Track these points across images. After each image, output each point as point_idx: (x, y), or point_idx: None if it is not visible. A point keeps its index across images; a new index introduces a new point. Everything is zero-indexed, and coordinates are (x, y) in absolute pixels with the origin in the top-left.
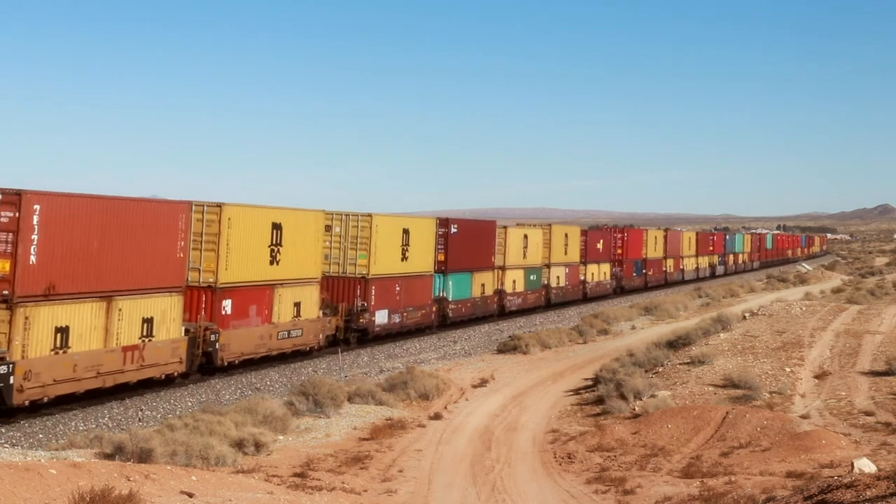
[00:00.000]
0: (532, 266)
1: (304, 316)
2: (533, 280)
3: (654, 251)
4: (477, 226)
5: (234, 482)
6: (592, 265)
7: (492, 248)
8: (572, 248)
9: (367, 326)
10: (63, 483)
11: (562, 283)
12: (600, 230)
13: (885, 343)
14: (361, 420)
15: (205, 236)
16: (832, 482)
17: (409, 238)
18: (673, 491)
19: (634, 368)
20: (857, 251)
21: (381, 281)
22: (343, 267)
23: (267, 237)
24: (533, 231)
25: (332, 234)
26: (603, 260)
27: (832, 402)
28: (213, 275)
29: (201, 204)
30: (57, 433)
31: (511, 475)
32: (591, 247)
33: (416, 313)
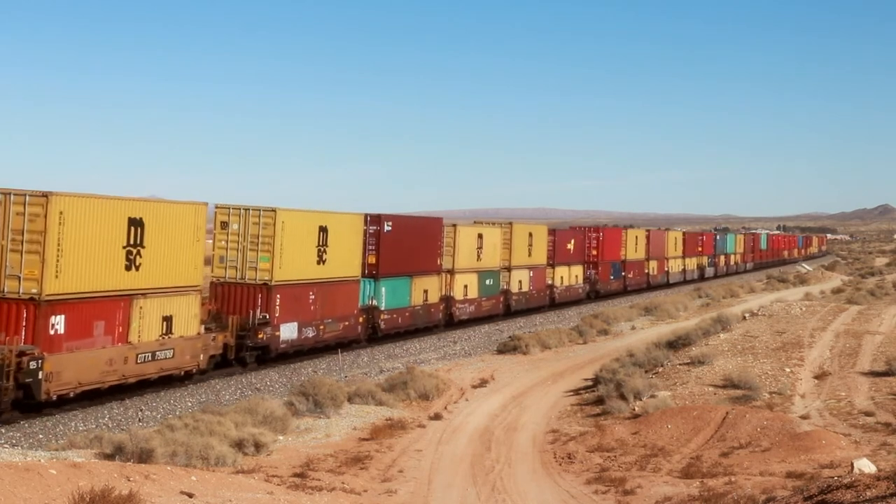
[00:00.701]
0: (488, 269)
1: (177, 333)
2: (489, 285)
3: (635, 252)
4: (419, 223)
5: (234, 482)
6: (562, 267)
7: (438, 249)
8: (538, 248)
9: (268, 343)
10: (63, 483)
11: (525, 288)
12: (572, 229)
13: (884, 343)
14: (361, 420)
15: (26, 234)
16: (832, 482)
17: (327, 237)
18: (673, 491)
19: (634, 369)
20: (857, 251)
21: (288, 288)
22: (242, 272)
23: (121, 236)
24: (489, 230)
25: (228, 232)
26: (575, 262)
27: (832, 402)
28: (37, 284)
29: (22, 193)
30: (57, 433)
31: (511, 475)
32: (561, 247)
33: (337, 326)
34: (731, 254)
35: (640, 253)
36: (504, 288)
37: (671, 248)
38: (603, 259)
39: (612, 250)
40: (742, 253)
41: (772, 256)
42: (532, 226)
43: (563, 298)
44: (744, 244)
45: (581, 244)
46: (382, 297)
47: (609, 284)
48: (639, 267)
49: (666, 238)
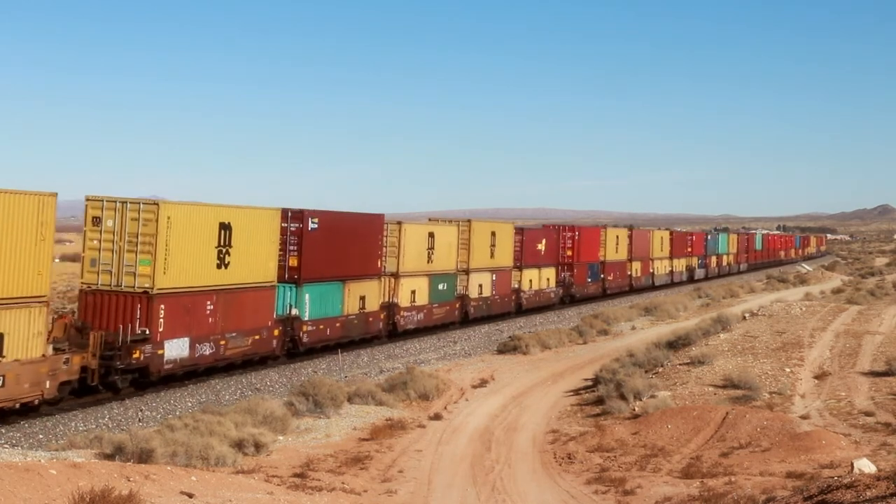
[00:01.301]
0: (442, 272)
1: (9, 356)
2: (442, 290)
3: (616, 253)
4: (354, 220)
5: (234, 482)
6: (531, 270)
7: (378, 250)
8: (502, 249)
9: (147, 363)
10: (63, 483)
11: (486, 293)
12: (544, 228)
13: (884, 343)
14: (361, 420)
15: None
16: (832, 482)
17: (230, 236)
18: (673, 491)
19: (634, 369)
20: (857, 251)
21: (177, 297)
22: (118, 277)
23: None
24: (443, 228)
25: (101, 230)
26: (546, 263)
27: (832, 402)
28: None
29: None
30: (57, 433)
31: (511, 475)
32: (529, 248)
33: (244, 340)
34: (723, 254)
35: (621, 254)
36: (461, 293)
37: (656, 249)
38: (579, 260)
39: (589, 251)
40: (735, 253)
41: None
42: (495, 224)
43: (531, 304)
44: (737, 244)
45: (554, 244)
46: (306, 306)
47: (586, 288)
48: (620, 268)
49: (651, 238)
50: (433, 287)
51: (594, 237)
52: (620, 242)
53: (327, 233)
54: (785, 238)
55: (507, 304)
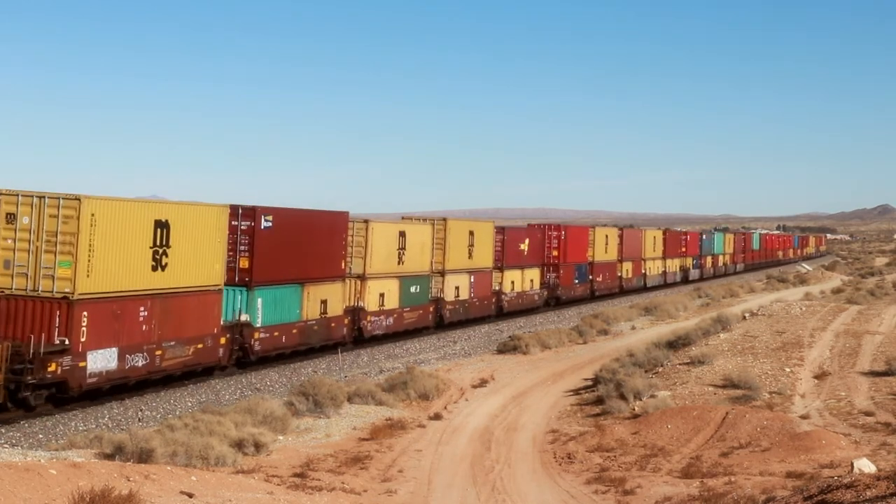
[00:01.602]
0: (414, 274)
1: None
2: (415, 293)
3: (606, 253)
4: (314, 218)
5: (234, 482)
6: (512, 271)
7: (342, 250)
8: (482, 249)
9: (66, 377)
10: (63, 483)
11: (463, 296)
12: (529, 227)
13: (884, 343)
14: (361, 420)
15: None
16: (832, 482)
17: (168, 235)
18: (673, 491)
19: (634, 369)
20: (857, 251)
21: (103, 303)
22: (35, 281)
23: None
24: (415, 227)
25: (17, 227)
26: (529, 264)
27: (832, 402)
28: None
29: None
30: (57, 433)
31: (511, 475)
32: (511, 248)
33: (185, 350)
34: (719, 254)
35: (611, 254)
36: (436, 296)
37: (649, 249)
38: (565, 261)
39: (576, 251)
40: (732, 253)
41: (765, 257)
42: (474, 223)
43: (513, 307)
44: (733, 244)
45: (538, 244)
46: (258, 311)
47: (572, 290)
48: (609, 269)
49: (643, 237)
50: (404, 290)
51: (582, 237)
52: (610, 242)
53: (283, 232)
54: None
55: (487, 307)
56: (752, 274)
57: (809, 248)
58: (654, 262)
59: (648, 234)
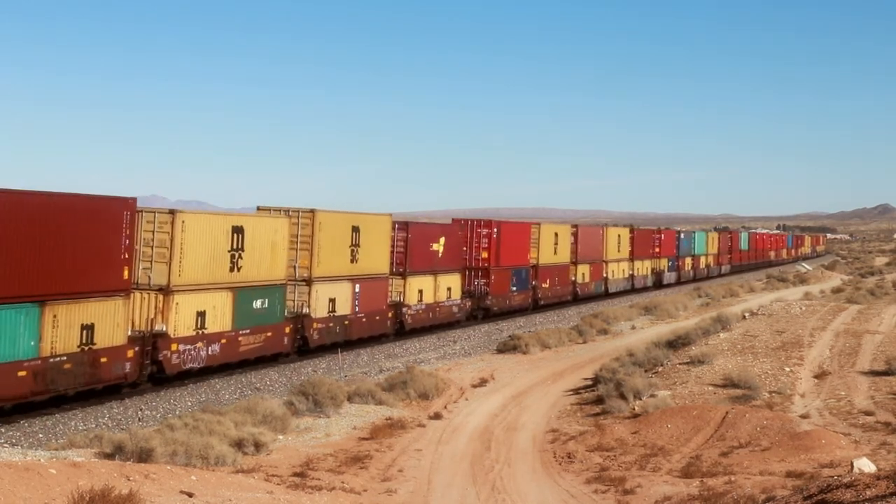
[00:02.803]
0: (259, 283)
1: None
2: (260, 309)
3: (555, 255)
4: (64, 207)
5: (234, 482)
6: (419, 278)
7: (122, 252)
8: (372, 250)
9: None
10: (63, 483)
11: (342, 311)
12: (445, 224)
13: (884, 343)
14: (361, 420)
15: None
16: (832, 482)
17: None
18: (673, 491)
19: (634, 368)
20: (857, 251)
21: None
22: None
23: None
24: (262, 221)
25: None
26: (446, 269)
27: (832, 401)
28: None
29: None
30: (57, 433)
31: (511, 475)
32: (419, 249)
33: None
34: (700, 255)
35: (562, 256)
36: (297, 312)
37: (611, 249)
38: (498, 264)
39: (514, 252)
40: (716, 254)
41: (755, 258)
42: (362, 216)
43: (421, 322)
44: (718, 244)
45: (458, 244)
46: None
47: (507, 299)
48: (559, 274)
49: (603, 236)
50: (241, 305)
51: (522, 236)
52: (561, 242)
53: (9, 227)
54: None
55: (381, 324)
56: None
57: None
58: (619, 264)
59: (611, 233)
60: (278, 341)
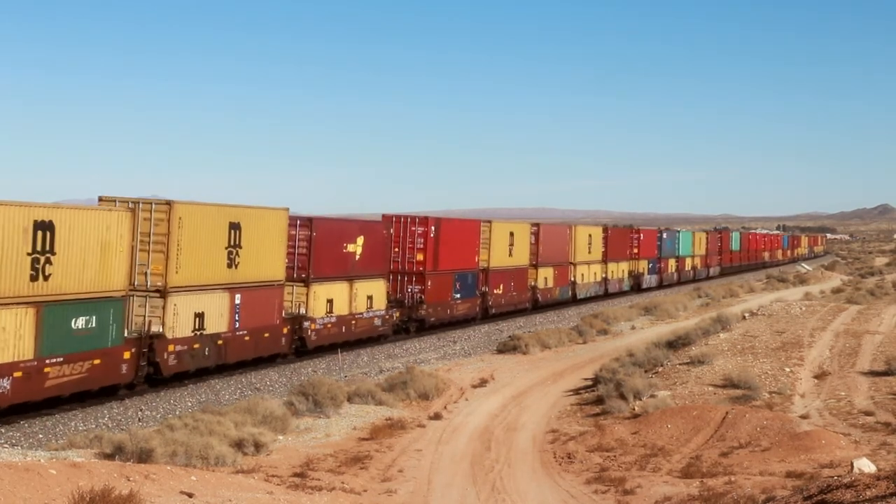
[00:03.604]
0: (80, 297)
1: None
2: (83, 331)
3: (510, 257)
4: None
5: (234, 482)
6: (327, 285)
7: None
8: (259, 252)
9: None
10: (63, 483)
11: (215, 328)
12: (365, 222)
13: (884, 343)
14: (361, 420)
15: None
16: (832, 482)
17: None
18: (673, 491)
19: (634, 368)
20: (857, 251)
21: None
22: None
23: None
24: (88, 215)
25: None
26: (365, 274)
27: (832, 402)
28: None
29: None
30: (57, 433)
31: (511, 475)
32: (328, 250)
33: None
34: (685, 256)
35: (519, 257)
36: (141, 332)
37: (581, 251)
38: (437, 268)
39: (457, 254)
40: (704, 255)
41: (748, 259)
42: (244, 209)
43: (330, 338)
44: (706, 244)
45: (382, 245)
46: None
47: (448, 308)
48: (516, 278)
49: (571, 236)
50: (51, 325)
51: (468, 235)
52: (519, 243)
53: None
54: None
55: (272, 343)
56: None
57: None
58: (590, 267)
59: (581, 232)
60: (112, 370)
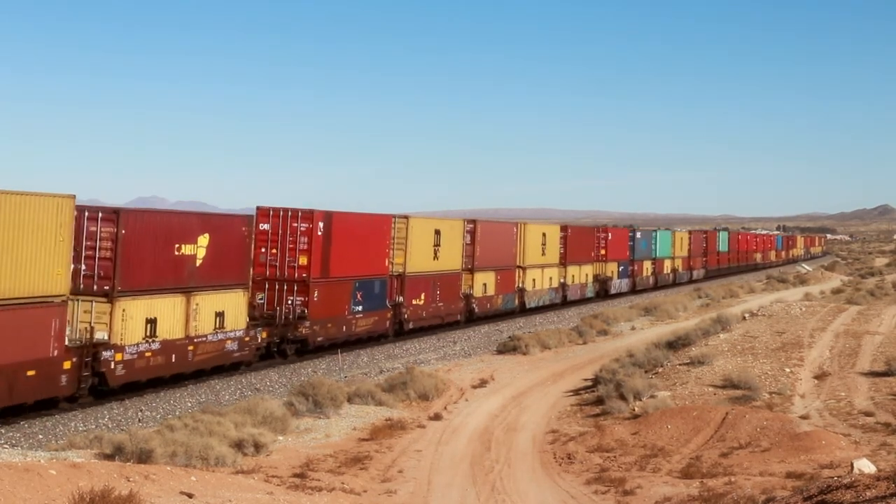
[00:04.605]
0: None
1: None
2: None
3: (435, 259)
4: None
5: (234, 482)
6: (147, 300)
7: None
8: (19, 257)
9: None
10: (63, 483)
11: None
12: (206, 215)
13: (884, 343)
14: (361, 420)
15: None
16: (832, 483)
17: None
18: (673, 491)
19: (634, 369)
20: (857, 252)
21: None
22: None
23: None
24: None
25: None
26: (213, 284)
27: (832, 402)
28: None
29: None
30: (57, 433)
31: (511, 475)
32: (144, 253)
33: None
34: (663, 258)
35: (448, 260)
36: None
37: (532, 253)
38: (327, 275)
39: (361, 257)
40: (686, 257)
41: (737, 261)
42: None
43: (148, 372)
44: (688, 245)
45: (240, 246)
46: None
47: (344, 324)
48: (444, 286)
49: (518, 236)
50: None
51: (375, 234)
52: (448, 243)
53: None
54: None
55: (44, 383)
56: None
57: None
58: (544, 271)
59: (532, 231)
60: None
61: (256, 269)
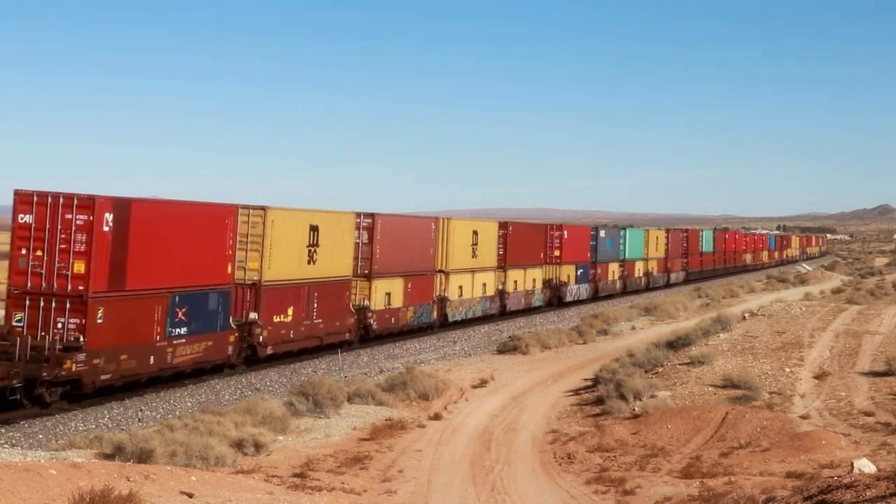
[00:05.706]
0: None
1: None
2: None
3: (311, 264)
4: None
5: (234, 482)
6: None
7: None
8: None
9: None
10: (63, 483)
11: None
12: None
13: (884, 343)
14: (361, 420)
15: None
16: (832, 482)
17: None
18: (673, 491)
19: (634, 369)
20: (857, 252)
21: None
22: None
23: None
24: None
25: None
26: None
27: (832, 402)
28: None
29: None
30: (57, 433)
31: (511, 475)
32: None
33: None
34: (634, 260)
35: (333, 264)
36: None
37: (459, 255)
38: (122, 286)
39: (186, 260)
40: (662, 259)
41: (723, 262)
42: None
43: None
44: (665, 245)
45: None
46: None
47: (153, 355)
48: (325, 297)
49: (440, 234)
50: None
51: (207, 230)
52: (328, 243)
53: None
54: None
55: None
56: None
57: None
58: (475, 276)
59: (458, 229)
60: None
61: (14, 279)
